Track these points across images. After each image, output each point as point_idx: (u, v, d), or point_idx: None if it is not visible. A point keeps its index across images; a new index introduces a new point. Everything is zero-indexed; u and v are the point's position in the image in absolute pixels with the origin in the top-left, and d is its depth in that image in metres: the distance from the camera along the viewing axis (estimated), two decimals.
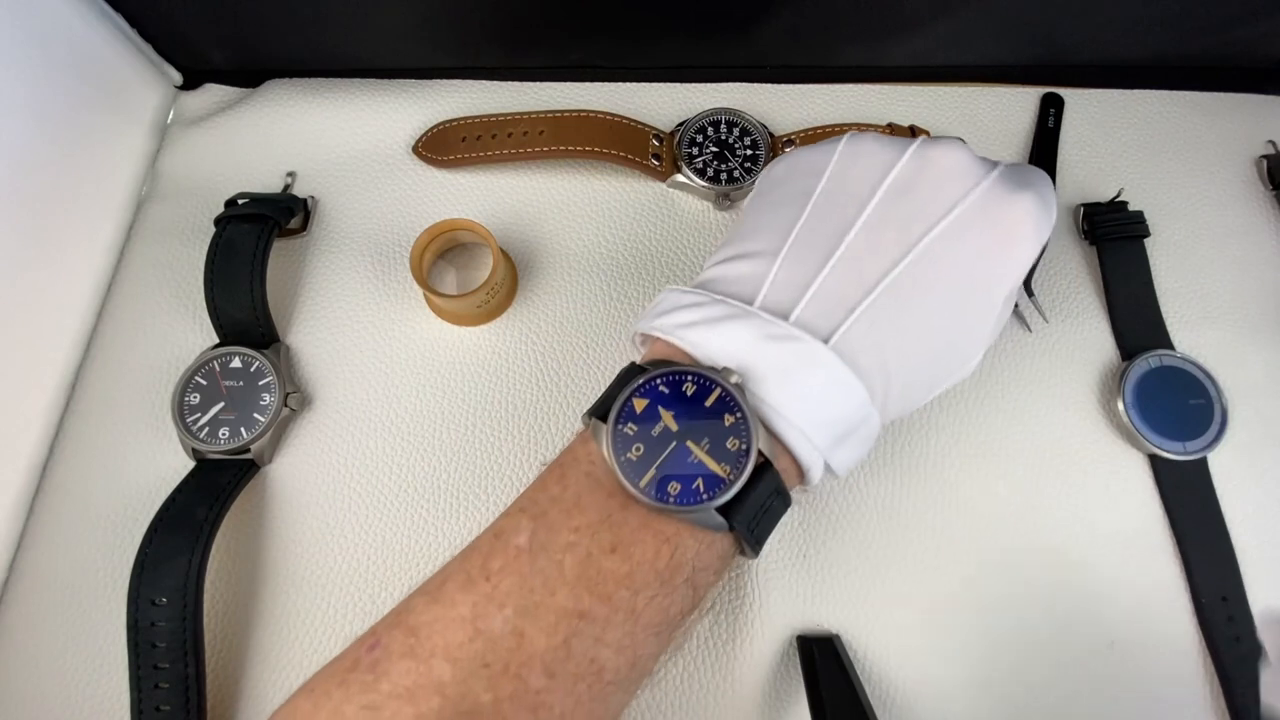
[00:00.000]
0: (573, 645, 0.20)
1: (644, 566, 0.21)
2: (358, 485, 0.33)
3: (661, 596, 0.21)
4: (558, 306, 0.36)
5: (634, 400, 0.23)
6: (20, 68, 0.33)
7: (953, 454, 0.34)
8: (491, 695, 0.20)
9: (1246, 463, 0.33)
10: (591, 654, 0.21)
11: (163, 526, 0.30)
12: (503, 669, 0.20)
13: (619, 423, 0.23)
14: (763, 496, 0.22)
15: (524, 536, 0.22)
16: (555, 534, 0.22)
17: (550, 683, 0.20)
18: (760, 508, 0.22)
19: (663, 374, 0.23)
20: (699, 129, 0.38)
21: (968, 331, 0.25)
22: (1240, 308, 0.36)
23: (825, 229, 0.25)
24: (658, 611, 0.21)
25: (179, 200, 0.39)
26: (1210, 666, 0.31)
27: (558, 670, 0.20)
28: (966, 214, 0.24)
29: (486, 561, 0.22)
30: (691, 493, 0.22)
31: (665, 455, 0.22)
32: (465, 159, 0.38)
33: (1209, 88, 0.40)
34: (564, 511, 0.22)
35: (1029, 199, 0.24)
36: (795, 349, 0.23)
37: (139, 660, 0.29)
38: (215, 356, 0.34)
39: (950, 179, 0.24)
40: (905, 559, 0.32)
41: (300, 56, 0.41)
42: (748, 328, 0.23)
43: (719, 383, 0.22)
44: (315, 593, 0.32)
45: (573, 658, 0.20)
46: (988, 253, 0.24)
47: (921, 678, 0.31)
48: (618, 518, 0.22)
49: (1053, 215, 0.25)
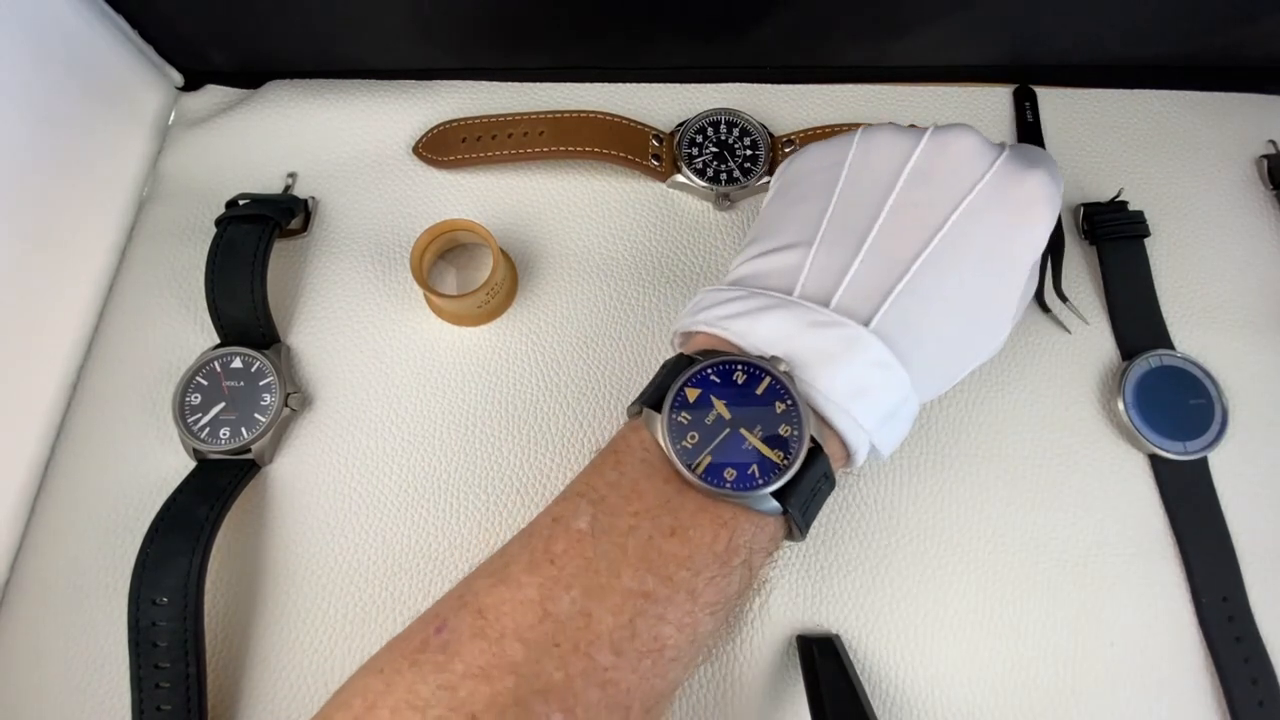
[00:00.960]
0: (637, 624, 0.21)
1: (703, 549, 0.22)
2: (358, 485, 0.33)
3: (720, 577, 0.22)
4: (558, 307, 0.36)
5: (686, 389, 0.24)
6: (21, 69, 0.33)
7: (953, 454, 0.34)
8: (563, 673, 0.20)
9: (1246, 463, 0.33)
10: (655, 632, 0.21)
11: (164, 526, 0.30)
12: (573, 648, 0.21)
13: (673, 411, 0.23)
14: (814, 480, 0.23)
15: (584, 520, 0.23)
16: (616, 518, 0.23)
17: (617, 660, 0.21)
18: (811, 491, 0.23)
19: (713, 364, 0.24)
20: (699, 129, 0.38)
21: (995, 307, 0.26)
22: (1240, 308, 0.36)
23: (854, 217, 0.26)
24: (716, 591, 0.22)
25: (180, 201, 0.39)
26: (1210, 666, 0.31)
27: (624, 648, 0.21)
28: (984, 192, 0.25)
29: (549, 545, 0.23)
30: (747, 478, 0.22)
31: (719, 442, 0.23)
32: (465, 159, 0.38)
33: (1209, 88, 0.40)
34: (623, 496, 0.23)
35: (1040, 175, 0.26)
36: (839, 334, 0.24)
37: (140, 660, 0.29)
38: (216, 357, 0.34)
39: (966, 161, 0.26)
40: (905, 559, 0.32)
41: (301, 57, 0.41)
42: (791, 316, 0.24)
43: (769, 371, 0.23)
44: (316, 592, 0.32)
45: (638, 636, 0.21)
46: (1007, 228, 0.25)
47: (921, 678, 0.31)
48: (676, 502, 0.23)
49: (1061, 191, 0.27)
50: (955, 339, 0.26)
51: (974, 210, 0.25)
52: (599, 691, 0.21)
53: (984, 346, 0.27)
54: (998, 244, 0.25)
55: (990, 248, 0.25)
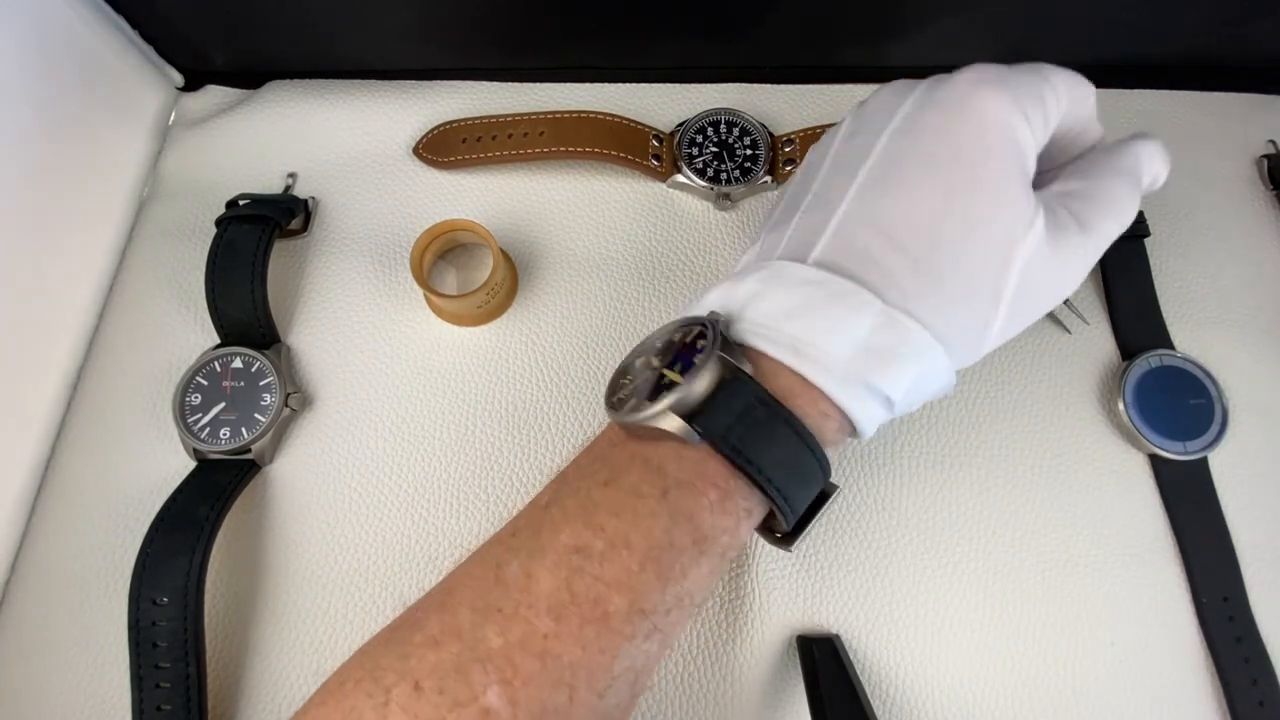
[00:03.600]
0: (574, 585, 0.21)
1: (631, 493, 0.22)
2: (359, 485, 0.33)
3: (645, 518, 0.22)
4: (558, 307, 0.36)
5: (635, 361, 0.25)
6: (21, 69, 0.33)
7: (953, 454, 0.34)
8: (502, 640, 0.20)
9: (1246, 463, 0.33)
10: (593, 593, 0.21)
11: (164, 526, 0.30)
12: (513, 612, 0.21)
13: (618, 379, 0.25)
14: (737, 402, 0.22)
15: (547, 496, 0.24)
16: (567, 485, 0.24)
17: (557, 627, 0.21)
18: (737, 416, 0.22)
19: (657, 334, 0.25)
20: (699, 129, 0.38)
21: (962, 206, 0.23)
22: (1241, 307, 0.36)
23: (798, 193, 0.27)
24: (644, 537, 0.21)
25: (180, 201, 0.39)
26: (1210, 666, 0.31)
27: (564, 613, 0.21)
28: (911, 112, 0.24)
29: (515, 521, 0.24)
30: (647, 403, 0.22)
31: (646, 385, 0.23)
32: (466, 160, 0.38)
33: (1209, 88, 0.40)
34: (578, 469, 0.24)
35: (967, 71, 0.24)
36: (762, 274, 0.24)
37: (140, 660, 0.29)
38: (216, 357, 0.34)
39: (888, 100, 0.25)
40: (905, 559, 0.32)
41: (301, 58, 0.41)
42: (727, 280, 0.25)
43: (698, 321, 0.24)
44: (316, 592, 0.32)
45: (576, 598, 0.21)
46: (943, 126, 0.23)
47: (922, 677, 0.31)
48: (611, 455, 0.23)
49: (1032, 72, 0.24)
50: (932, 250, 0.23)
51: (903, 129, 0.24)
52: (537, 663, 0.20)
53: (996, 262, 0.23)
54: (938, 143, 0.23)
55: (933, 149, 0.23)
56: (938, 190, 0.23)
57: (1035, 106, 0.24)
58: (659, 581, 0.21)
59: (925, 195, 0.23)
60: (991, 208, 0.23)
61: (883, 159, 0.24)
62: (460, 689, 0.20)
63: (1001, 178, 0.23)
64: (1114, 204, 0.25)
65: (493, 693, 0.20)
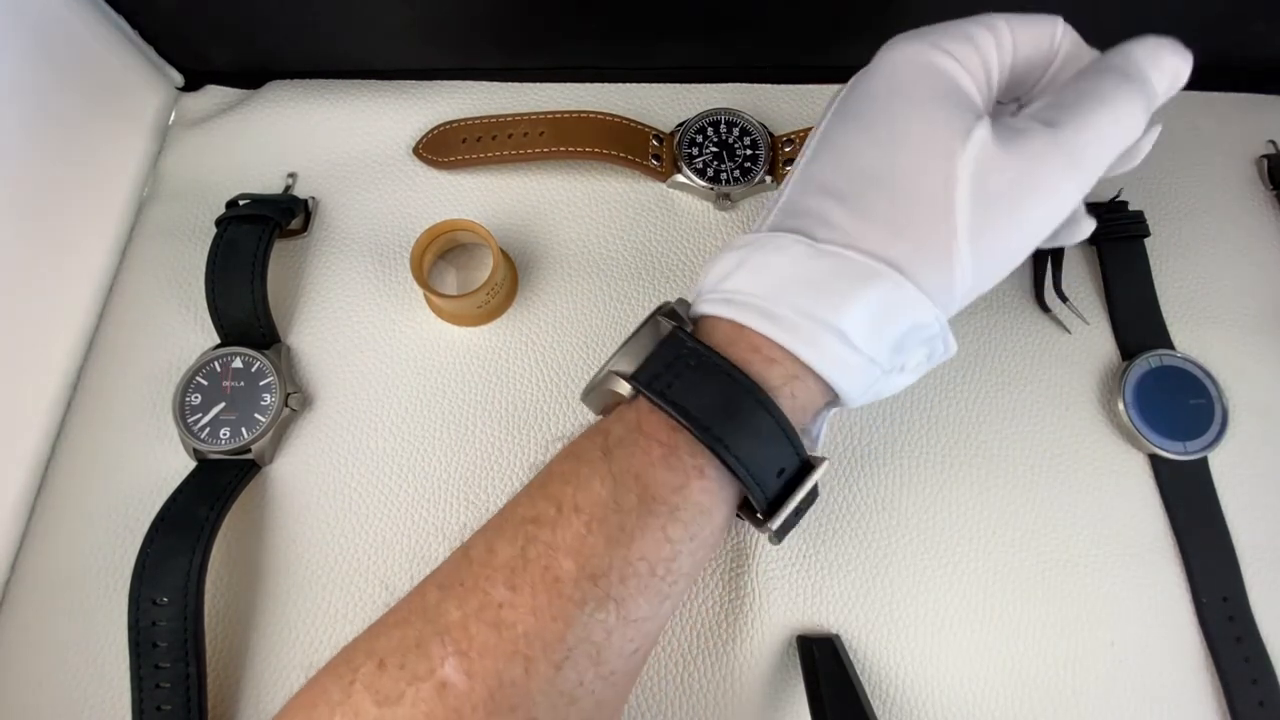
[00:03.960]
0: (528, 552, 0.21)
1: (579, 459, 0.22)
2: (358, 485, 0.33)
3: (591, 480, 0.22)
4: (558, 307, 0.36)
5: None
6: (21, 69, 0.33)
7: (953, 454, 0.34)
8: (460, 611, 0.21)
9: (1246, 463, 0.33)
10: (544, 561, 0.21)
11: (164, 526, 0.30)
12: (474, 584, 0.21)
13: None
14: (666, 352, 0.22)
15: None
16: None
17: (512, 595, 0.20)
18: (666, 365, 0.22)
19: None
20: (699, 129, 0.38)
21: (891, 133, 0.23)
22: (1240, 307, 0.36)
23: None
24: (589, 499, 0.21)
25: (180, 201, 0.39)
26: (1210, 666, 0.31)
27: (518, 581, 0.21)
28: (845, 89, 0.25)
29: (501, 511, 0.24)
30: None
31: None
32: (466, 160, 0.38)
33: (1209, 88, 0.40)
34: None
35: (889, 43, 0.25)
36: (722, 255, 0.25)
37: (140, 660, 0.29)
38: (216, 357, 0.34)
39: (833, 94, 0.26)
40: (905, 559, 0.32)
41: (301, 58, 0.41)
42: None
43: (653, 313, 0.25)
44: (316, 592, 0.32)
45: (528, 566, 0.21)
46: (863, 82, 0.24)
47: (922, 678, 0.31)
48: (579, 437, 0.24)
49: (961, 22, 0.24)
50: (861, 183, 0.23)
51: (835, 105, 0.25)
52: (493, 633, 0.20)
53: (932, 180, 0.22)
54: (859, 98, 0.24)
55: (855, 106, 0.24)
56: (861, 136, 0.23)
57: (959, 42, 0.23)
58: (607, 544, 0.21)
59: (850, 144, 0.24)
60: (911, 131, 0.23)
61: (821, 135, 0.25)
62: (419, 663, 0.20)
63: (918, 103, 0.23)
64: (1090, 99, 0.23)
65: (450, 665, 0.20)
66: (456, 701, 0.19)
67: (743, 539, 0.32)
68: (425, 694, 0.19)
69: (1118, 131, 0.23)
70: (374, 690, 0.20)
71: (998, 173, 0.22)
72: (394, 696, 0.19)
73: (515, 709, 0.20)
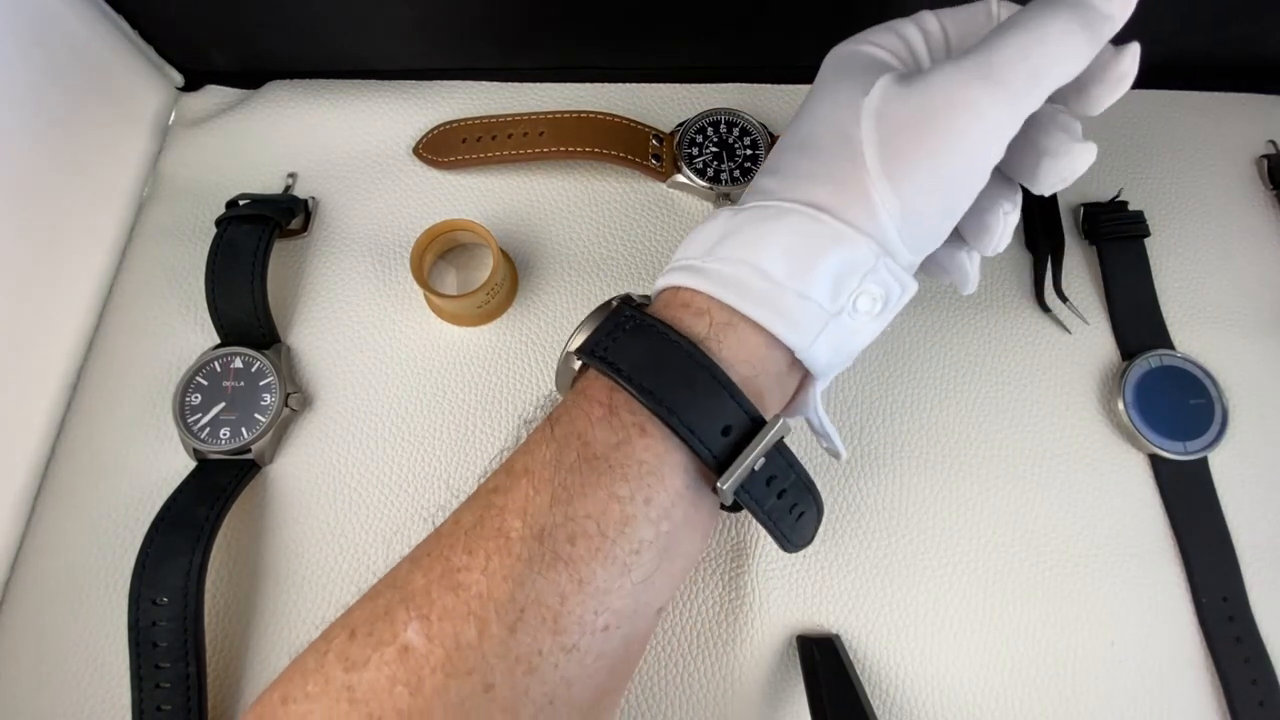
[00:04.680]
0: (485, 518, 0.22)
1: (537, 433, 0.23)
2: (358, 485, 0.33)
3: (540, 446, 0.22)
4: (558, 307, 0.36)
5: None
6: (21, 69, 0.33)
7: (953, 454, 0.34)
8: (424, 579, 0.21)
9: (1246, 463, 0.33)
10: (497, 523, 0.21)
11: (164, 526, 0.30)
12: (437, 553, 0.22)
13: None
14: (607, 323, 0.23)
15: None
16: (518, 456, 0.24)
17: (469, 559, 0.21)
18: (606, 333, 0.23)
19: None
20: (699, 129, 0.38)
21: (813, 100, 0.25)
22: (1240, 307, 0.36)
23: None
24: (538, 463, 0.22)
25: (180, 201, 0.39)
26: (1210, 666, 0.31)
27: (473, 545, 0.21)
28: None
29: None
30: None
31: None
32: (465, 160, 0.38)
33: (1209, 88, 0.40)
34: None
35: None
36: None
37: (140, 660, 0.29)
38: (216, 357, 0.34)
39: None
40: (905, 559, 0.32)
41: (301, 58, 0.41)
42: None
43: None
44: (316, 592, 0.32)
45: (483, 529, 0.22)
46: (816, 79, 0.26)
47: (922, 678, 0.31)
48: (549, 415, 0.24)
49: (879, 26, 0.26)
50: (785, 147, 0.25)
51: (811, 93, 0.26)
52: (452, 596, 0.21)
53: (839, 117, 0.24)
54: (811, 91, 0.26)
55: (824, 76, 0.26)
56: (794, 122, 0.26)
57: (882, 33, 0.25)
58: (552, 502, 0.21)
59: (787, 130, 0.26)
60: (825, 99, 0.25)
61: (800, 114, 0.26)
62: (385, 629, 0.20)
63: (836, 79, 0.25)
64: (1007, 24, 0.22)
65: (412, 629, 0.20)
66: (416, 664, 0.20)
67: (742, 539, 0.32)
68: (389, 657, 0.20)
69: (1044, 47, 0.22)
70: (344, 658, 0.20)
71: (899, 102, 0.23)
72: (360, 662, 0.20)
73: (471, 672, 0.20)
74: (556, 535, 0.21)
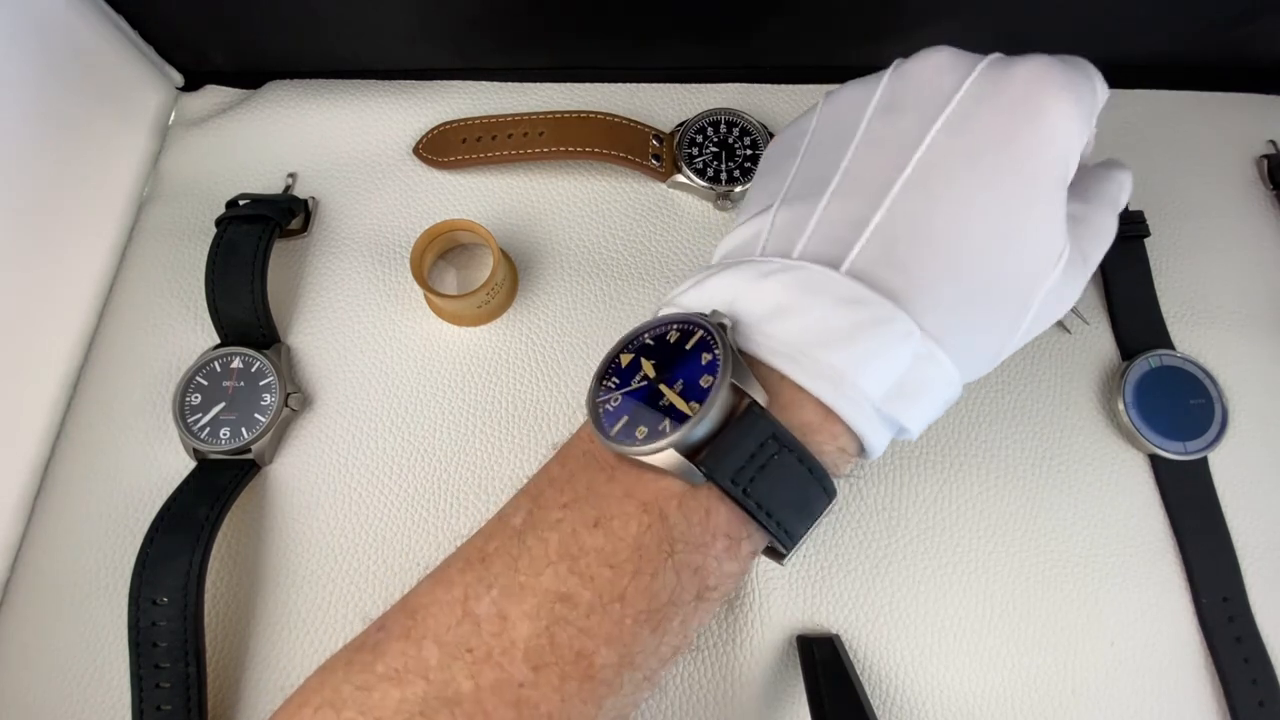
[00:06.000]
0: (555, 635, 0.19)
1: (625, 541, 0.20)
2: (358, 485, 0.33)
3: (646, 575, 0.19)
4: (558, 306, 0.36)
5: (620, 356, 0.22)
6: (21, 69, 0.33)
7: (953, 453, 0.34)
8: (473, 683, 0.19)
9: (1246, 463, 0.33)
10: (577, 646, 0.19)
11: (164, 526, 0.30)
12: (485, 655, 0.19)
13: (603, 378, 0.22)
14: (749, 441, 0.19)
15: (520, 516, 0.21)
16: (546, 512, 0.21)
17: (535, 676, 0.19)
18: (749, 456, 0.19)
19: (649, 326, 0.22)
20: (699, 129, 0.38)
21: (1016, 226, 0.21)
22: (1241, 307, 0.36)
23: (818, 168, 0.23)
24: (646, 596, 0.19)
25: (180, 201, 0.39)
26: (1210, 666, 0.31)
27: (541, 663, 0.19)
28: (967, 100, 0.22)
29: (485, 543, 0.21)
30: (656, 434, 0.19)
31: (640, 402, 0.21)
32: (466, 160, 0.38)
33: (1209, 88, 0.40)
34: (557, 489, 0.21)
35: (1033, 61, 0.22)
36: (791, 278, 0.21)
37: (140, 660, 0.29)
38: (216, 357, 0.34)
39: (937, 76, 0.22)
40: (906, 559, 0.32)
41: (301, 58, 0.41)
42: (740, 273, 0.21)
43: (701, 324, 0.21)
44: (316, 593, 0.32)
45: (557, 649, 0.19)
46: (1004, 130, 0.21)
47: (922, 677, 0.31)
48: (603, 490, 0.20)
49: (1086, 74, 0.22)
50: (979, 274, 0.21)
51: (956, 118, 0.21)
52: (512, 712, 0.19)
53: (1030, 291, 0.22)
54: (999, 150, 0.21)
55: (986, 157, 0.21)
56: (993, 207, 0.21)
57: (1089, 114, 0.22)
58: (655, 635, 0.20)
59: (979, 211, 0.21)
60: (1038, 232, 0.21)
61: (931, 155, 0.21)
62: None
63: (1053, 199, 0.21)
64: (1107, 235, 0.24)
65: None
66: None
67: None
68: None
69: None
70: None
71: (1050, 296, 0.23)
72: None
73: None
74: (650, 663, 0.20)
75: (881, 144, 0.22)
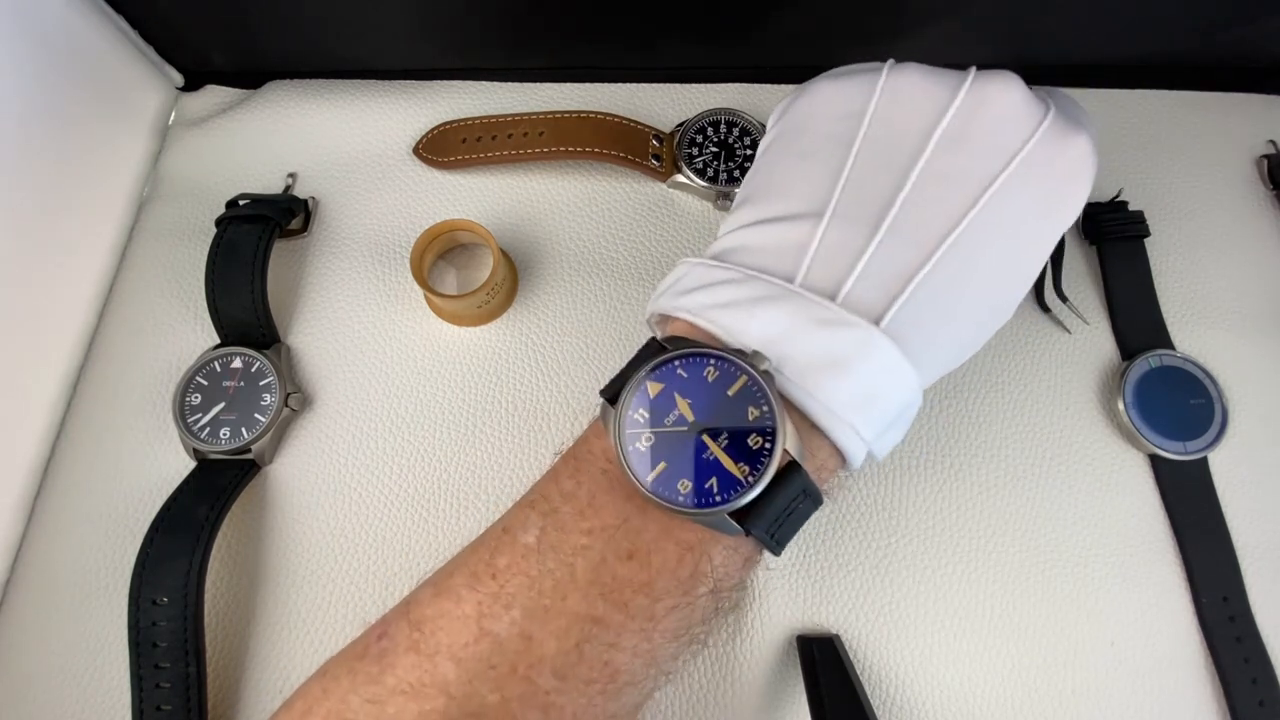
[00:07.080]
0: (585, 650, 0.19)
1: (664, 575, 0.20)
2: (358, 485, 0.33)
3: (684, 606, 0.20)
4: (558, 307, 0.36)
5: (648, 383, 0.21)
6: (21, 69, 0.33)
7: (953, 454, 0.34)
8: (499, 696, 0.19)
9: (1246, 463, 0.33)
10: (605, 658, 0.20)
11: (164, 527, 0.30)
12: (510, 670, 0.19)
13: (631, 408, 0.20)
14: (787, 500, 0.20)
15: (533, 535, 0.21)
16: (566, 535, 0.20)
17: (561, 684, 0.19)
18: (784, 512, 0.20)
19: (683, 355, 0.21)
20: (699, 129, 0.38)
21: (1015, 289, 0.23)
22: (1240, 307, 0.36)
23: (874, 187, 0.22)
24: (678, 619, 0.20)
25: (180, 201, 0.39)
26: (1210, 666, 0.31)
27: (568, 673, 0.19)
28: (1026, 162, 0.22)
29: (493, 558, 0.21)
30: (704, 493, 0.19)
31: (678, 449, 0.20)
32: (466, 160, 0.38)
33: (1209, 88, 0.40)
34: (577, 511, 0.21)
35: (1084, 141, 0.23)
36: (849, 337, 0.20)
37: (140, 660, 0.29)
38: (216, 357, 0.34)
39: (1008, 122, 0.22)
40: (905, 559, 0.32)
41: (301, 58, 0.41)
42: (792, 310, 0.21)
43: (745, 369, 0.20)
44: (316, 593, 0.32)
45: (585, 661, 0.19)
46: (1045, 205, 0.22)
47: (922, 678, 0.31)
48: (636, 523, 0.20)
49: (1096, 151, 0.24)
50: (970, 329, 0.23)
51: (1014, 182, 0.22)
52: (540, 715, 0.19)
53: (990, 329, 0.24)
54: (1032, 223, 0.22)
55: (1026, 224, 0.22)
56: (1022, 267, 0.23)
57: None
58: (675, 642, 0.21)
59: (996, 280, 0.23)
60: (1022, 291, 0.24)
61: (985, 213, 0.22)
62: None
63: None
64: None
65: None
66: None
67: None
68: None
69: None
70: None
71: None
72: None
73: None
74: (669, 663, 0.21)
75: (939, 186, 0.22)
